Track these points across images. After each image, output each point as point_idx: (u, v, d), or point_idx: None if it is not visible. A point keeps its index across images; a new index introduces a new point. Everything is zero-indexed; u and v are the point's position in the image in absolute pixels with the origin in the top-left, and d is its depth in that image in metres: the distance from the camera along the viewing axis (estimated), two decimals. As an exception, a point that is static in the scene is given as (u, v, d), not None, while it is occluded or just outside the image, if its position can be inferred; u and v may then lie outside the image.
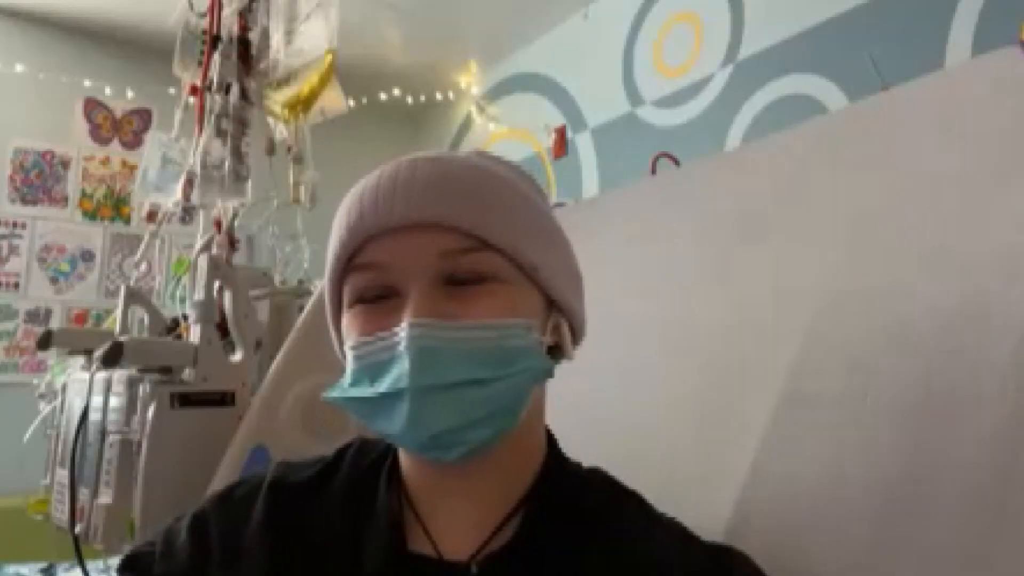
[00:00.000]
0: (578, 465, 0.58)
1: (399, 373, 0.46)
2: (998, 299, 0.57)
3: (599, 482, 0.57)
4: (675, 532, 0.53)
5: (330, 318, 0.55)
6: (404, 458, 0.55)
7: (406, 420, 0.46)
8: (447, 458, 0.48)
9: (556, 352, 0.54)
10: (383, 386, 0.47)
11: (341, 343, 0.54)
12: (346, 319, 0.51)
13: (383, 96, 3.39)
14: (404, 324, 0.46)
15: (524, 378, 0.49)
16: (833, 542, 0.60)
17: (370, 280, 0.50)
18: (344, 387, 0.50)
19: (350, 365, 0.50)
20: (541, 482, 0.53)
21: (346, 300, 0.52)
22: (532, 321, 0.50)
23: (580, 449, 0.59)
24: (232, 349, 1.01)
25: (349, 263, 0.51)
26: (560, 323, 0.53)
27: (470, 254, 0.48)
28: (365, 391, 0.48)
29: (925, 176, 0.67)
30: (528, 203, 0.53)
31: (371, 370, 0.48)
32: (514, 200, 0.52)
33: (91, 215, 3.21)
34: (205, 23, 1.24)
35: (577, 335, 0.56)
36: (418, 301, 0.47)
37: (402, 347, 0.46)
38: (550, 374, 0.51)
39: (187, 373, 0.95)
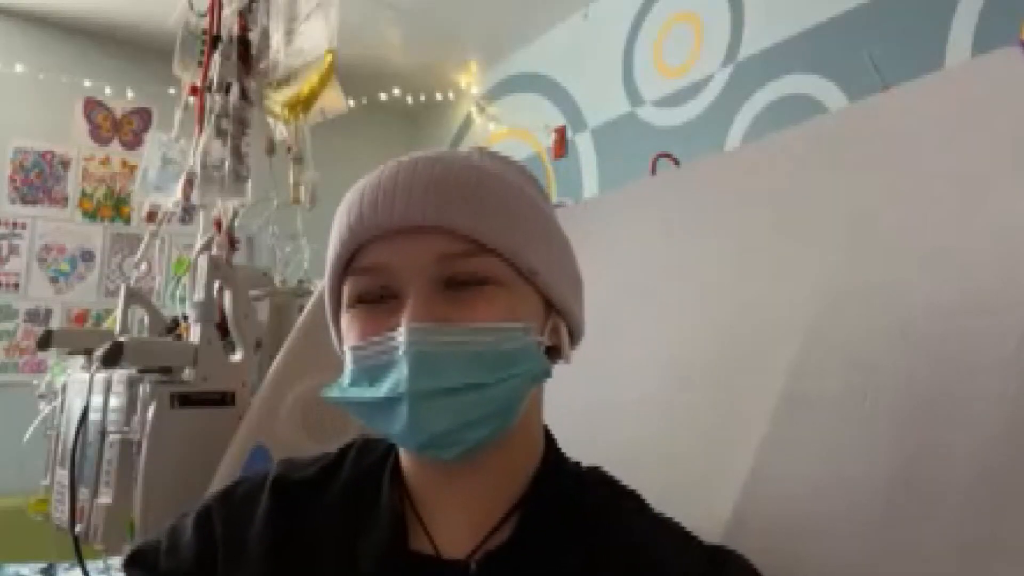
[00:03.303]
0: (577, 464, 0.58)
1: (398, 378, 0.46)
2: (998, 299, 0.57)
3: (597, 481, 0.57)
4: (673, 532, 0.54)
5: (330, 316, 0.55)
6: (404, 457, 0.56)
7: (405, 423, 0.47)
8: (445, 457, 0.48)
9: (553, 354, 0.54)
10: (382, 390, 0.47)
11: (340, 341, 0.54)
12: (346, 319, 0.52)
13: (383, 96, 3.39)
14: (402, 328, 0.47)
15: (522, 380, 0.49)
16: (832, 542, 0.60)
17: (369, 282, 0.50)
18: (343, 387, 0.51)
19: (349, 366, 0.50)
20: (539, 481, 0.53)
21: (345, 300, 0.52)
22: (530, 323, 0.50)
23: (580, 449, 0.59)
24: (232, 349, 1.01)
25: (349, 264, 0.51)
26: (559, 325, 0.54)
27: (468, 258, 0.48)
28: (364, 393, 0.49)
29: (925, 176, 0.67)
30: (529, 205, 0.53)
31: (370, 372, 0.49)
32: (515, 202, 0.51)
33: (91, 215, 3.21)
34: (205, 23, 1.24)
35: (575, 337, 0.57)
36: (416, 305, 0.47)
37: (400, 352, 0.46)
38: (548, 375, 0.51)
39: (187, 373, 0.95)
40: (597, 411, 0.88)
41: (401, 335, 0.46)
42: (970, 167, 0.63)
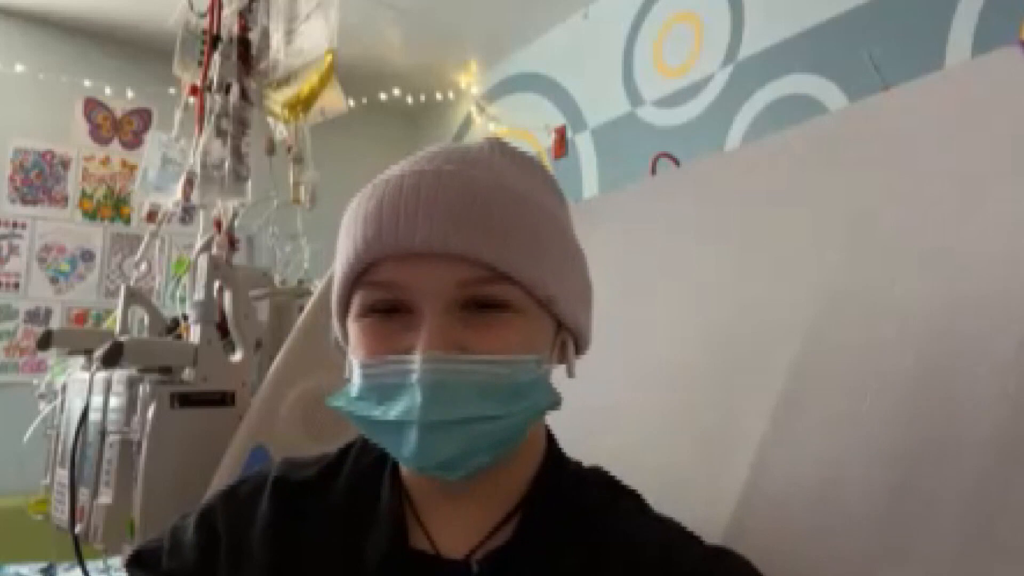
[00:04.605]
0: (578, 464, 0.58)
1: (409, 404, 0.46)
2: (998, 299, 0.57)
3: (597, 481, 0.57)
4: (673, 531, 0.53)
5: (336, 320, 0.54)
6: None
7: (413, 450, 0.46)
8: (449, 477, 0.48)
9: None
10: (391, 413, 0.46)
11: (345, 344, 0.53)
12: (355, 329, 0.50)
13: (383, 96, 3.39)
14: (418, 355, 0.46)
15: (531, 412, 0.49)
16: (832, 542, 0.60)
17: (383, 296, 0.49)
18: (349, 398, 0.50)
19: (357, 380, 0.49)
20: (540, 481, 0.53)
21: (355, 309, 0.50)
22: (543, 352, 0.50)
23: (579, 448, 0.59)
24: (232, 349, 1.01)
25: (362, 275, 0.49)
26: (567, 341, 0.54)
27: (489, 285, 0.47)
28: (372, 412, 0.48)
29: (925, 176, 0.67)
30: (551, 226, 0.51)
31: (379, 391, 0.48)
32: (538, 227, 0.50)
33: (91, 215, 3.21)
34: (205, 23, 1.24)
35: (581, 349, 0.57)
36: (433, 330, 0.46)
37: (414, 378, 0.45)
38: (556, 407, 0.51)
39: (187, 373, 0.95)
40: (596, 411, 0.88)
41: (416, 360, 0.46)
42: (970, 167, 0.63)
